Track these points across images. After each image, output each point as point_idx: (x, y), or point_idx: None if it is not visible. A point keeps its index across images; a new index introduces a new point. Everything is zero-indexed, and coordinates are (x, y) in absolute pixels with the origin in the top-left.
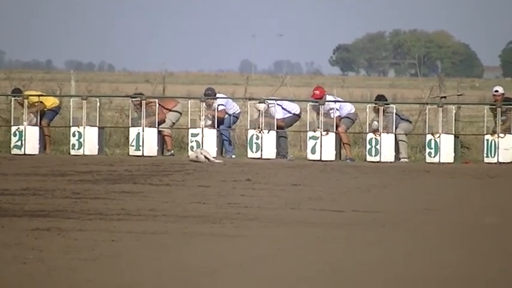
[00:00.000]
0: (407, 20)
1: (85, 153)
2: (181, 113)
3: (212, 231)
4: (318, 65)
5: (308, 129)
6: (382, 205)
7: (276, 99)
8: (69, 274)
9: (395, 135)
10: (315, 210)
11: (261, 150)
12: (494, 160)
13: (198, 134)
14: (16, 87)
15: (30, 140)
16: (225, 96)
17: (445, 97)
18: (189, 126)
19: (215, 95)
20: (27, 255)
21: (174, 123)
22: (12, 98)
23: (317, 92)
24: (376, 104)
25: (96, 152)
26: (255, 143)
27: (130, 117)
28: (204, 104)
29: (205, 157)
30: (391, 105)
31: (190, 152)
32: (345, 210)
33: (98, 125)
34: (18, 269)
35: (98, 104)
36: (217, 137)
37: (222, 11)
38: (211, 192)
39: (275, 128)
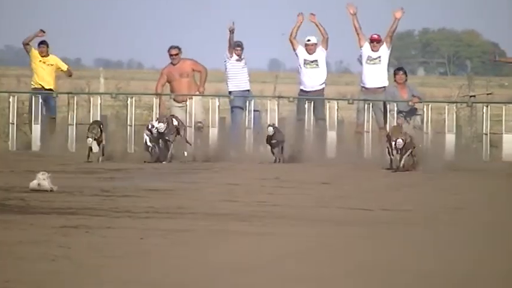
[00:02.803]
0: (436, 18)
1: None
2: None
3: (240, 229)
4: (347, 64)
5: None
6: (412, 203)
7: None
8: (97, 272)
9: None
10: (344, 209)
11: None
12: None
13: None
14: None
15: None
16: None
17: (474, 96)
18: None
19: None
20: (55, 253)
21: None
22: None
23: None
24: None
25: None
26: None
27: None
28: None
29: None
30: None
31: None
32: (373, 208)
33: (128, 123)
34: (47, 266)
35: (129, 101)
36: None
37: (250, 9)
38: (239, 190)
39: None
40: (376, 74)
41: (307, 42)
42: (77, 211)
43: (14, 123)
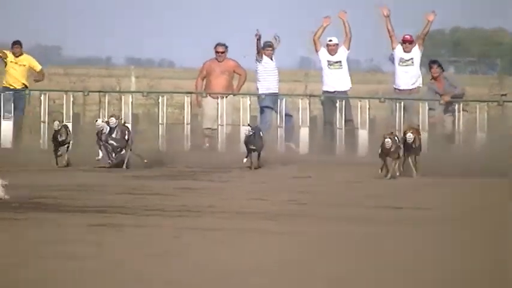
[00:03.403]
0: (466, 17)
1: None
2: None
3: (269, 228)
4: (377, 62)
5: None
6: (440, 202)
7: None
8: (127, 270)
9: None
10: (374, 208)
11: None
12: None
13: None
14: None
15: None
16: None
17: (505, 94)
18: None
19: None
20: (86, 251)
21: None
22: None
23: None
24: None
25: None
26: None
27: (189, 114)
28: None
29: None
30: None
31: None
32: (403, 206)
33: (159, 121)
34: (77, 264)
35: (160, 99)
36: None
37: (280, 9)
38: (269, 188)
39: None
40: (409, 76)
41: (329, 43)
42: (107, 209)
43: None
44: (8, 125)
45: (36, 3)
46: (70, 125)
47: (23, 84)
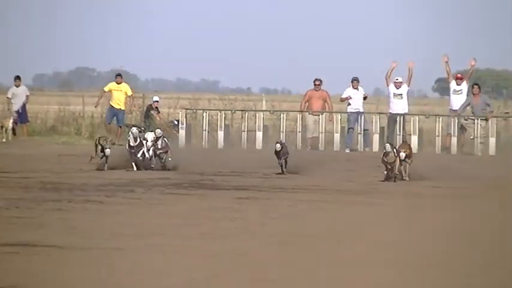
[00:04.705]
0: (483, 61)
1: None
2: None
3: (357, 200)
4: (424, 91)
5: None
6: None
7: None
8: (263, 228)
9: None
10: (423, 187)
11: None
12: None
13: None
14: None
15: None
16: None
17: (508, 112)
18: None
19: None
20: (234, 215)
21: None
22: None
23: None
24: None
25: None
26: None
27: (300, 126)
28: None
29: None
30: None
31: None
32: (442, 186)
33: (281, 130)
34: (226, 224)
35: (281, 116)
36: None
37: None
38: (357, 175)
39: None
40: (460, 101)
41: (396, 81)
42: (248, 188)
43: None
44: (182, 133)
45: (198, 44)
46: (222, 133)
47: (120, 104)
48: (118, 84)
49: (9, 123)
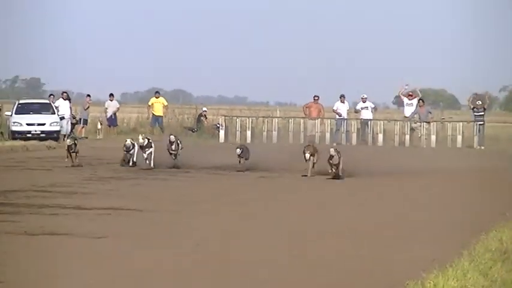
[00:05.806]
0: (427, 80)
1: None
2: None
3: (389, 182)
4: (386, 103)
5: None
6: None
7: None
8: (276, 195)
9: None
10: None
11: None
12: None
13: None
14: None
15: None
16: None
17: (443, 118)
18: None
19: None
20: (253, 196)
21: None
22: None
23: None
24: None
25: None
26: None
27: (304, 127)
28: None
29: None
30: None
31: None
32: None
33: (289, 130)
34: (252, 194)
35: (290, 121)
36: None
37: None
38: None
39: None
40: (411, 111)
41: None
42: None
43: None
44: (222, 132)
45: (235, 68)
46: (249, 133)
47: (160, 113)
48: (157, 98)
49: (97, 125)
